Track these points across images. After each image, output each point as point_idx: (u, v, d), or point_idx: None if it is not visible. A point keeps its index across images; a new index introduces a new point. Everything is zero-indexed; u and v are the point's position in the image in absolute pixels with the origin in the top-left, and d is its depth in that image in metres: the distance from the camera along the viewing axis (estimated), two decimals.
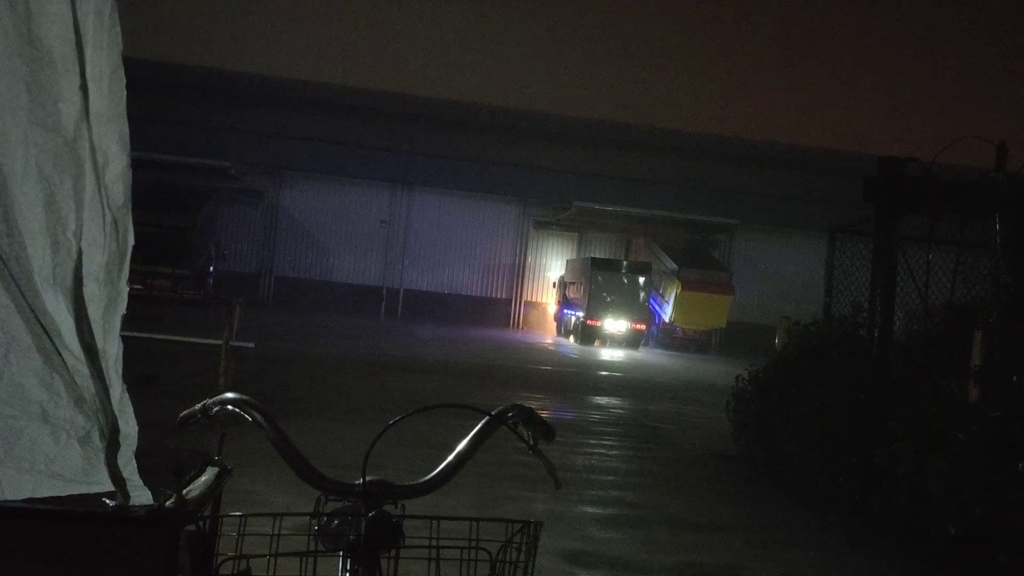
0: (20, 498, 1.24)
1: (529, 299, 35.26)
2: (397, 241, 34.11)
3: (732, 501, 7.12)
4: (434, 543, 1.47)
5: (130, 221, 1.09)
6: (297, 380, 11.57)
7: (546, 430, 1.78)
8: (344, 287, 33.37)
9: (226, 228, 30.97)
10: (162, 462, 1.40)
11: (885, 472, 6.37)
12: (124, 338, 1.12)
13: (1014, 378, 6.19)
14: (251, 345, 10.55)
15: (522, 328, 34.23)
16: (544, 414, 1.70)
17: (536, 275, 35.38)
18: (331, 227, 33.58)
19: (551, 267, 35.05)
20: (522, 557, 1.51)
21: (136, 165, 1.08)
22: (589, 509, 6.30)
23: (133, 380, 1.16)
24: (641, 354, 25.86)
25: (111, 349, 1.11)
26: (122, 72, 1.07)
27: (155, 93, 28.53)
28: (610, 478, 7.52)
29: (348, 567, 1.51)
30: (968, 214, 7.58)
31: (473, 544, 1.48)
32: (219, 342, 9.93)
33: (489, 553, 1.48)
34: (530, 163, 33.78)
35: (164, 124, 29.16)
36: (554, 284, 33.37)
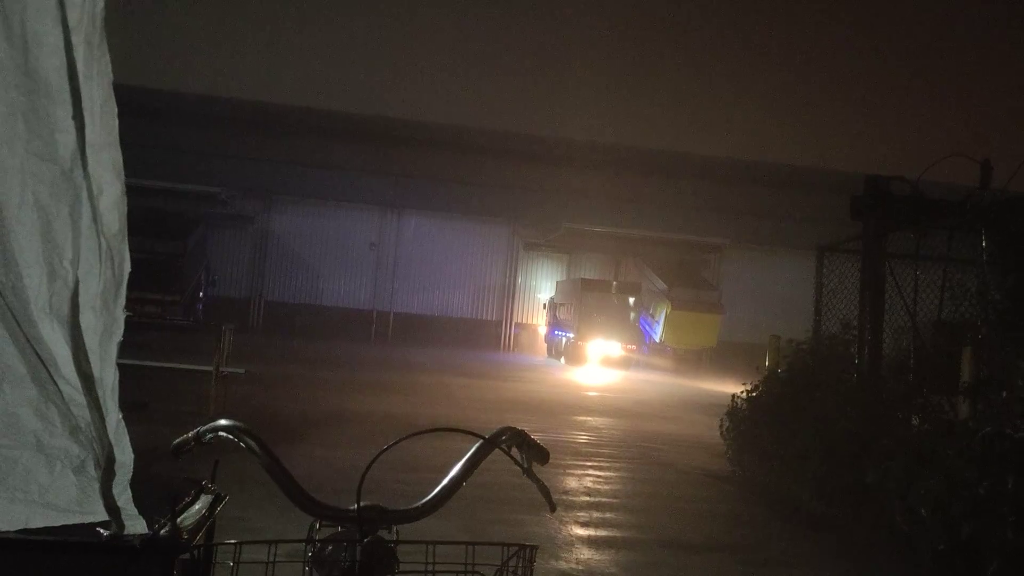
0: (14, 529, 1.23)
1: (520, 321, 35.25)
2: (387, 264, 34.12)
3: (726, 521, 7.11)
4: (430, 568, 1.47)
5: (126, 249, 1.10)
6: (287, 405, 11.52)
7: (540, 453, 1.78)
8: (334, 311, 33.30)
9: (216, 253, 30.91)
10: (155, 490, 1.40)
11: (876, 490, 6.38)
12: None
13: (1003, 394, 6.23)
14: (242, 371, 10.50)
15: (513, 350, 34.20)
16: (536, 436, 1.71)
17: (526, 296, 35.40)
18: (321, 251, 33.58)
19: (541, 288, 35.09)
20: None
21: (126, 192, 1.09)
22: (582, 531, 6.28)
23: (124, 407, 1.17)
24: (632, 374, 25.86)
25: (108, 377, 1.11)
26: (113, 101, 1.08)
27: (143, 119, 28.53)
28: (603, 500, 7.50)
29: None
30: (954, 231, 7.64)
31: (469, 568, 1.48)
32: (209, 368, 9.89)
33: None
34: (519, 184, 33.88)
35: (152, 150, 29.11)
36: (544, 305, 33.39)
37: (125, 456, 1.15)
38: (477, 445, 1.72)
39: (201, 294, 28.13)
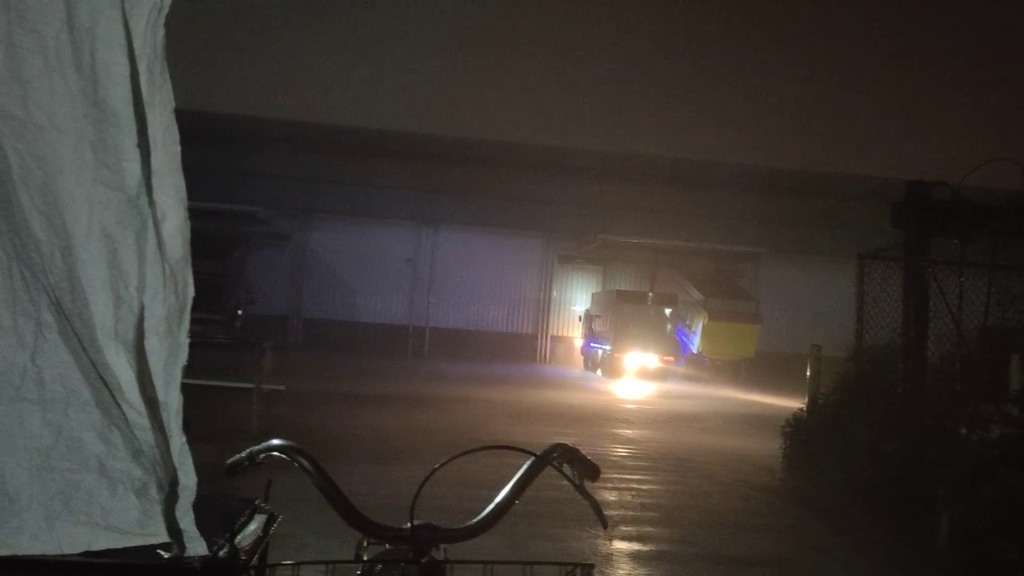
0: (77, 551, 1.25)
1: (555, 333, 35.18)
2: (423, 279, 34.26)
3: (772, 534, 7.00)
4: None
5: (190, 274, 1.11)
6: (329, 421, 11.58)
7: (590, 469, 1.77)
8: (371, 327, 33.48)
9: (255, 272, 31.28)
10: (210, 510, 1.41)
11: (927, 502, 6.26)
12: None
13: None
14: (282, 388, 10.59)
15: (549, 362, 34.12)
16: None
17: (562, 309, 35.33)
18: (357, 267, 33.81)
19: (576, 301, 35.00)
20: None
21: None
22: (624, 546, 6.23)
23: None
24: (669, 386, 25.67)
25: (172, 401, 1.12)
26: (175, 128, 1.10)
27: (183, 142, 28.96)
28: (645, 514, 7.44)
29: None
30: (999, 236, 7.51)
31: None
32: (251, 385, 9.99)
33: None
34: (553, 197, 33.87)
35: (192, 171, 29.51)
36: (580, 318, 33.28)
37: (188, 479, 1.16)
38: (529, 462, 1.71)
39: (240, 312, 28.44)
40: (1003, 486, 5.45)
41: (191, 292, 1.11)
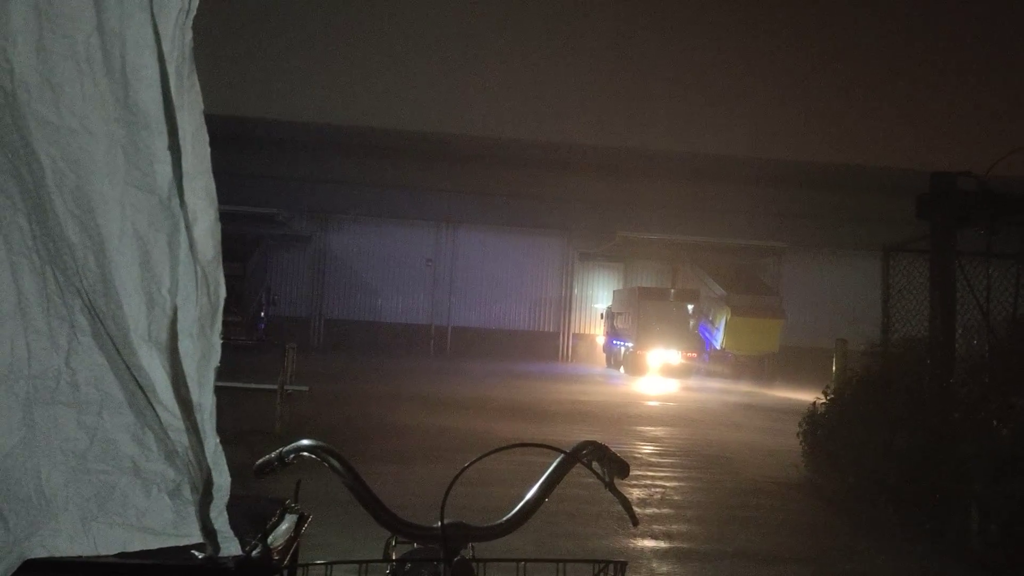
0: (112, 552, 1.25)
1: (577, 331, 35.13)
2: (444, 279, 34.34)
3: (799, 531, 6.96)
4: None
5: (221, 275, 1.12)
6: (353, 421, 11.63)
7: (620, 467, 1.77)
8: (393, 327, 33.61)
9: (276, 274, 31.49)
10: (240, 511, 1.42)
11: (955, 498, 6.20)
12: None
13: None
14: (305, 388, 10.65)
15: (571, 360, 34.09)
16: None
17: (583, 307, 35.28)
18: (378, 268, 33.94)
19: (598, 298, 34.93)
20: None
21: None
22: (651, 543, 6.21)
23: None
24: (693, 382, 25.57)
25: (206, 402, 1.13)
26: (205, 130, 1.10)
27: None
28: (673, 511, 7.41)
29: None
30: None
31: None
32: (274, 386, 10.05)
33: None
34: (572, 195, 33.85)
35: (216, 175, 29.84)
36: (601, 315, 33.20)
37: (223, 479, 1.16)
38: (559, 460, 1.71)
39: (263, 314, 28.64)
40: None
41: (223, 293, 1.12)
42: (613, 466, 1.75)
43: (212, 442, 1.14)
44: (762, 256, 33.44)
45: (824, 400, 8.91)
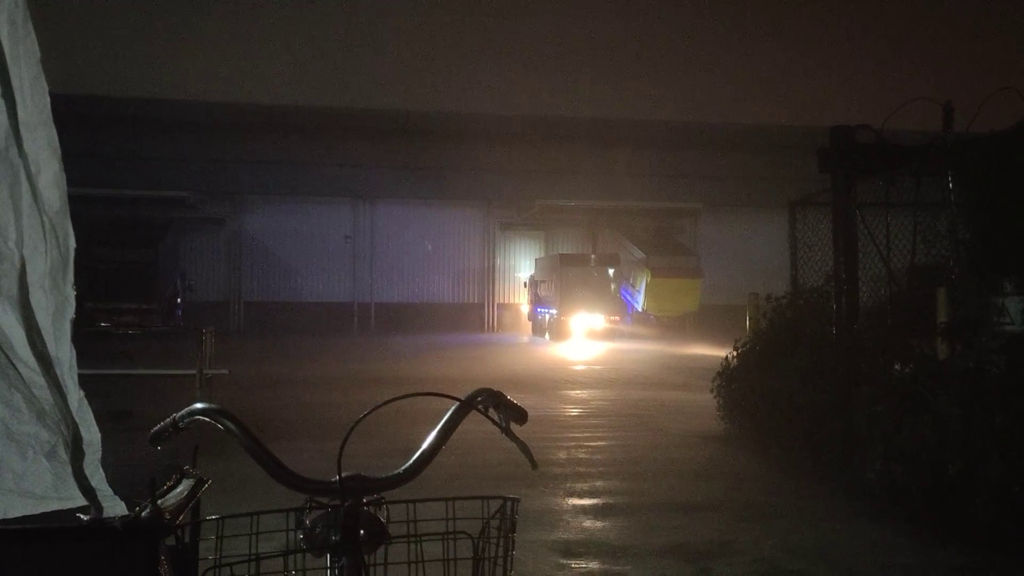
0: None
1: (502, 301, 35.28)
2: (364, 255, 34.00)
3: (720, 480, 7.17)
4: (414, 531, 1.48)
5: (69, 225, 1.09)
6: (275, 403, 11.49)
7: (517, 412, 1.80)
8: (315, 306, 33.20)
9: (190, 258, 30.71)
10: (138, 479, 1.39)
11: (864, 437, 6.45)
12: (97, 377, 1.10)
13: (982, 339, 6.29)
14: (225, 371, 10.45)
15: (497, 330, 34.24)
16: (526, 411, 1.72)
17: (506, 276, 35.42)
18: (296, 247, 33.42)
19: (521, 267, 35.10)
20: (502, 534, 1.52)
21: (92, 201, 1.09)
22: (578, 501, 6.32)
23: (107, 416, 1.15)
24: (617, 345, 25.96)
25: (64, 356, 1.10)
26: (43, 80, 1.06)
27: (103, 128, 28.21)
28: (597, 469, 7.55)
29: (334, 563, 1.51)
30: (921, 175, 7.69)
31: (452, 526, 1.49)
32: (193, 372, 9.84)
33: (468, 533, 1.49)
34: (490, 165, 33.80)
35: (115, 159, 28.87)
36: (525, 284, 33.40)
37: (91, 435, 1.14)
38: (454, 408, 1.73)
39: (179, 300, 27.95)
40: (933, 413, 5.64)
41: (72, 244, 1.09)
42: (509, 412, 1.78)
43: (75, 397, 1.12)
44: (679, 218, 34.02)
45: (736, 354, 9.14)
